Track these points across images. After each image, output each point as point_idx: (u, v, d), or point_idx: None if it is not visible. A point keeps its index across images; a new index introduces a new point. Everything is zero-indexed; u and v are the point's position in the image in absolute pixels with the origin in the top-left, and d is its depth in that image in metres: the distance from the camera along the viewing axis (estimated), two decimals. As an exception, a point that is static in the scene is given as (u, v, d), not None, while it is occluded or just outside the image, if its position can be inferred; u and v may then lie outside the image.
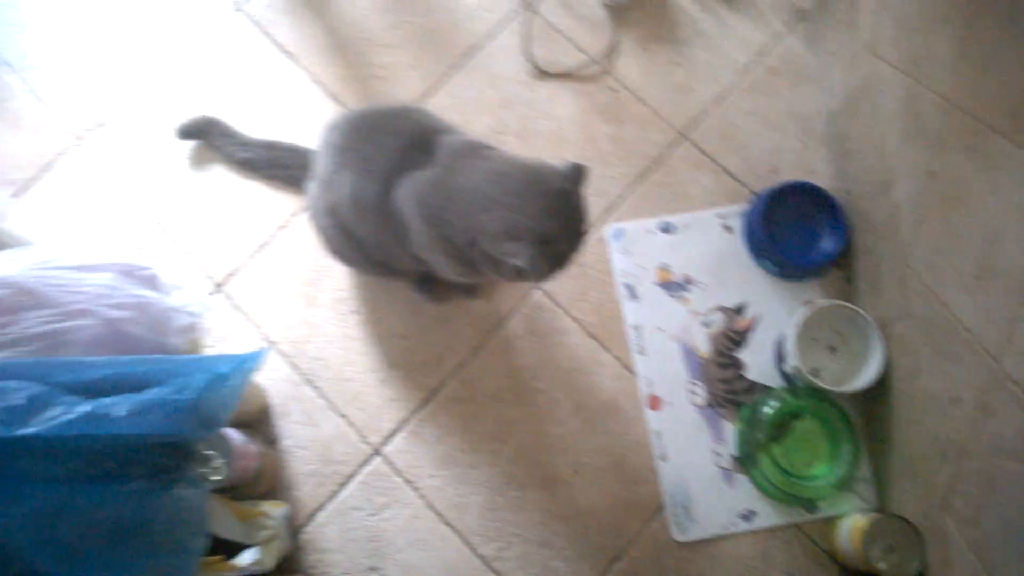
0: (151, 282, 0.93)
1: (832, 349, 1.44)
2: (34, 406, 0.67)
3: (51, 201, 1.55)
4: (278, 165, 1.54)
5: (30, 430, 0.65)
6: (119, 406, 0.73)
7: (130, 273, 0.89)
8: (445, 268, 1.23)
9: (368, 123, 1.24)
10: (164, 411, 0.77)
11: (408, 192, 1.15)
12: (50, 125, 1.61)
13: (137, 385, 0.78)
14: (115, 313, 0.81)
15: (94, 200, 1.56)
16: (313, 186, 1.31)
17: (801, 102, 1.62)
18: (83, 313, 0.79)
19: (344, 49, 1.65)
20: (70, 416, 0.68)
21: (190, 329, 0.95)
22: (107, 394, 0.75)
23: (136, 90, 1.63)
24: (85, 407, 0.70)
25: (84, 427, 0.69)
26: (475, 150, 1.18)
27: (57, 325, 0.76)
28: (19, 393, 0.67)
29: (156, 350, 0.89)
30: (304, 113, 1.61)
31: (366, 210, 1.19)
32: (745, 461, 1.41)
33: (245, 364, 0.88)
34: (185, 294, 1.01)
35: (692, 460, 1.42)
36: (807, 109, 1.61)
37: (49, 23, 1.68)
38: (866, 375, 1.36)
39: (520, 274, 1.09)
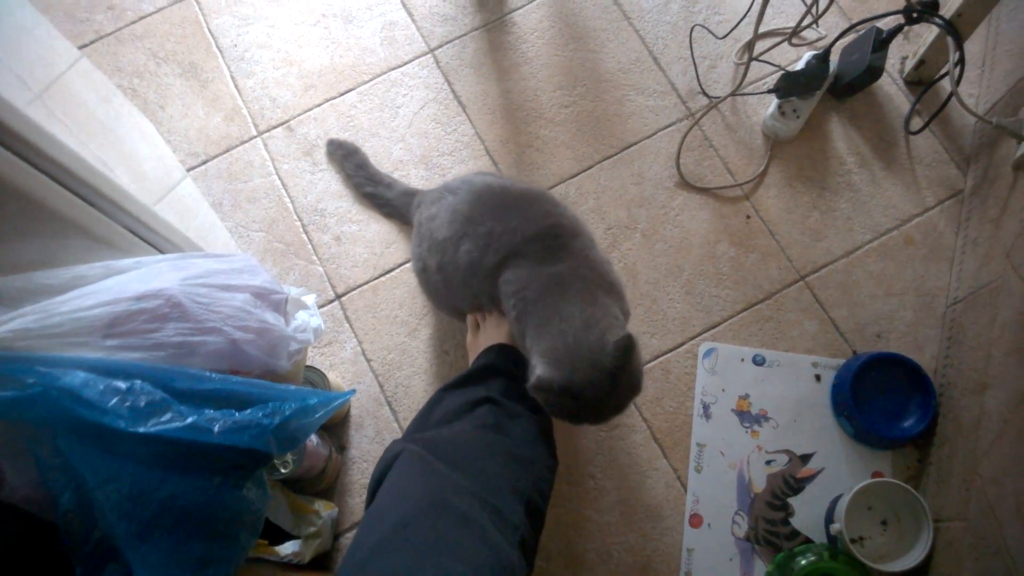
0: (278, 306, 1.06)
1: (884, 523, 1.45)
2: (151, 410, 0.80)
3: (218, 182, 1.72)
4: (394, 211, 1.65)
5: (141, 430, 0.78)
6: (218, 422, 0.85)
7: (264, 296, 1.02)
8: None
9: (498, 200, 1.28)
10: (253, 431, 0.89)
11: (515, 279, 1.20)
12: (240, 114, 1.77)
13: (238, 402, 0.91)
14: (239, 334, 0.94)
15: (254, 190, 1.71)
16: (423, 247, 1.37)
17: (928, 278, 1.61)
18: (214, 331, 0.91)
19: (512, 114, 1.75)
20: (177, 424, 0.81)
21: (297, 353, 1.07)
22: (212, 405, 0.88)
23: (318, 100, 1.79)
24: (191, 418, 0.83)
25: (186, 434, 0.82)
26: (579, 278, 1.18)
27: (191, 338, 0.89)
28: (143, 396, 0.80)
29: (265, 369, 1.02)
30: (457, 159, 1.72)
31: (477, 276, 1.25)
32: (764, 603, 1.44)
33: (332, 402, 0.99)
34: (303, 317, 1.13)
35: (714, 585, 1.46)
36: (932, 286, 1.60)
37: (265, 25, 1.85)
38: (907, 560, 1.37)
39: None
